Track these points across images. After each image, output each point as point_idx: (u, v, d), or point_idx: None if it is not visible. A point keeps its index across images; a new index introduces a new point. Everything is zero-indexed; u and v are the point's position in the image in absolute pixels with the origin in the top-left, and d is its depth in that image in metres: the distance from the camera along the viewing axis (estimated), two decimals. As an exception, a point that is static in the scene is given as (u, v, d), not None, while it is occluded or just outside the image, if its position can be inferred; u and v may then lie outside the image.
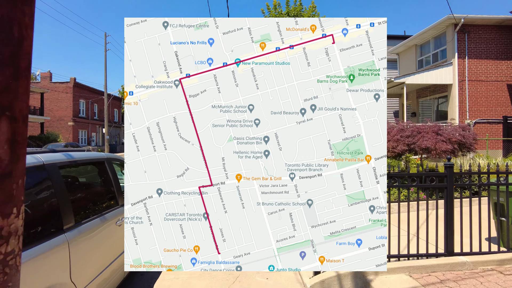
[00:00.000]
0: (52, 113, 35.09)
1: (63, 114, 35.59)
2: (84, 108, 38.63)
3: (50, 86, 35.06)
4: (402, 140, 8.69)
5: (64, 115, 35.60)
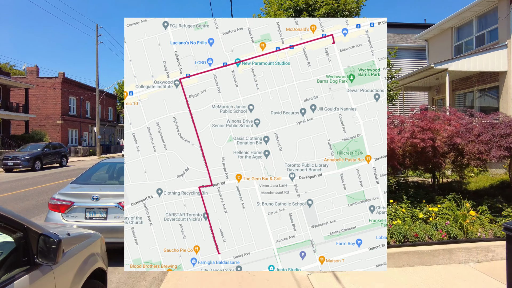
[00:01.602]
0: (39, 110, 34.89)
1: (51, 112, 35.25)
2: (74, 105, 38.33)
3: (37, 81, 34.78)
4: (496, 140, 5.83)
5: (52, 113, 35.23)
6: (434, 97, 15.37)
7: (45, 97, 35.54)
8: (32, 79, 35.08)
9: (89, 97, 40.58)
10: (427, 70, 12.76)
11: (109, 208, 4.87)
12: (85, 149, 36.06)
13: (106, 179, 6.17)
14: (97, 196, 4.92)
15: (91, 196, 4.92)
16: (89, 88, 40.72)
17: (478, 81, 14.13)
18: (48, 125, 35.45)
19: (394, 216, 5.33)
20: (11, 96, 31.20)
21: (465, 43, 15.26)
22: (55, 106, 35.64)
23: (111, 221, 4.82)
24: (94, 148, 36.50)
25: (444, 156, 6.62)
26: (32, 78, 35.36)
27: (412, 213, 5.47)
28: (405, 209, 5.50)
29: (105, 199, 4.92)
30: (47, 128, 35.05)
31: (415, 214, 5.44)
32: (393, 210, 5.52)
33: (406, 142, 5.95)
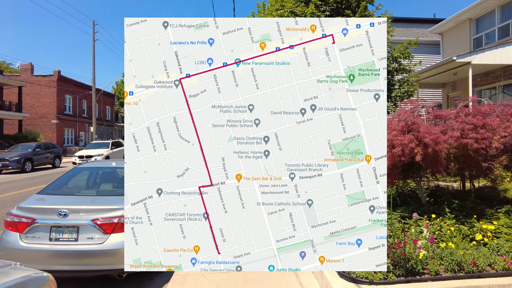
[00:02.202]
0: (34, 109, 34.80)
1: (46, 111, 35.09)
2: (70, 104, 38.11)
3: (31, 79, 34.57)
4: None
5: (47, 112, 35.06)
6: (450, 94, 14.46)
7: (40, 95, 35.35)
8: (27, 77, 34.92)
9: (86, 96, 40.23)
10: (447, 63, 11.81)
11: (80, 227, 3.83)
12: (81, 150, 36.00)
13: (82, 188, 5.17)
14: (65, 211, 3.87)
15: (58, 211, 3.88)
16: (85, 87, 40.45)
17: (503, 75, 12.90)
18: (43, 124, 35.28)
19: (438, 235, 4.42)
20: (4, 95, 31.10)
21: (486, 35, 14.32)
22: (50, 105, 35.43)
23: (82, 244, 3.78)
24: (90, 148, 36.56)
25: (493, 159, 5.62)
26: (27, 76, 35.20)
27: (460, 230, 4.46)
28: (451, 225, 4.53)
29: (75, 215, 3.88)
30: (42, 127, 34.89)
31: (465, 232, 4.45)
32: (436, 227, 4.56)
33: (453, 143, 4.98)
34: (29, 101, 34.94)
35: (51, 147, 22.50)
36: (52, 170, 20.47)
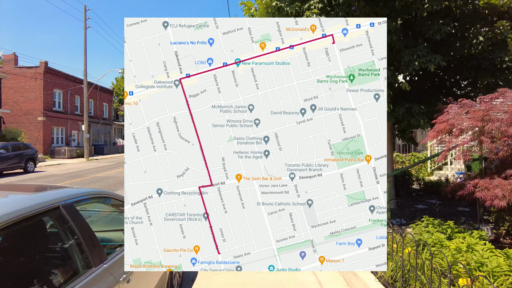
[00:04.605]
0: (17, 105, 34.03)
1: (31, 107, 34.27)
2: (60, 100, 37.02)
3: (15, 71, 33.77)
4: None
5: (33, 108, 34.21)
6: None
7: (24, 89, 34.57)
8: (9, 69, 33.89)
9: (79, 91, 39.20)
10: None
11: None
12: (72, 150, 35.16)
13: None
14: None
15: None
16: (78, 81, 39.43)
17: None
18: (28, 122, 34.25)
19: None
20: (-17, 88, 30.46)
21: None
22: (36, 100, 34.52)
23: None
24: (82, 149, 35.44)
25: None
26: (9, 67, 34.19)
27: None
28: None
29: None
30: (27, 125, 33.91)
31: None
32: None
33: None
34: (12, 96, 34.00)
35: (22, 148, 20.87)
36: (21, 176, 18.53)
